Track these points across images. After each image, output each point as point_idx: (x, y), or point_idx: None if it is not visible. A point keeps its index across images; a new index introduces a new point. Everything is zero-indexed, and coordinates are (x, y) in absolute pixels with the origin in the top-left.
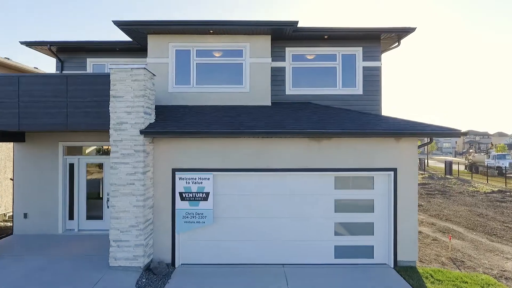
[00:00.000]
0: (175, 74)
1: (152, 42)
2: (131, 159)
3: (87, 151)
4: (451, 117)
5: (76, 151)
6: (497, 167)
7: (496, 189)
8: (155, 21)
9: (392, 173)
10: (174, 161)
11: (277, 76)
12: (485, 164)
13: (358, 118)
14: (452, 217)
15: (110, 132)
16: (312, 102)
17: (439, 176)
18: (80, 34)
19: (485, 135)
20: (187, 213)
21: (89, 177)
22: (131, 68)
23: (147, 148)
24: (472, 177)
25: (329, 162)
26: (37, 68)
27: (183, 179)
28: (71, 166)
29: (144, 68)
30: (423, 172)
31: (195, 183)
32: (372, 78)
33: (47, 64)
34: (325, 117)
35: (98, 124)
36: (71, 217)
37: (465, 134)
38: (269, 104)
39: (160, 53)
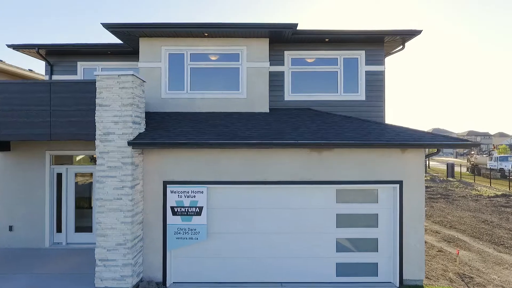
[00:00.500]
0: (168, 79)
1: (144, 45)
2: (119, 172)
3: (77, 159)
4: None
5: (64, 160)
6: (499, 169)
7: (499, 193)
8: (146, 23)
9: (397, 185)
10: (165, 173)
11: (276, 81)
12: (488, 166)
13: (361, 127)
14: (456, 224)
15: (96, 143)
16: (312, 109)
17: (441, 178)
18: (83, 35)
19: (486, 135)
20: (179, 229)
21: (78, 188)
22: (119, 75)
23: (136, 160)
24: (474, 179)
25: (330, 174)
26: (32, 71)
27: (175, 192)
28: (59, 176)
29: (133, 74)
30: (425, 175)
31: (188, 196)
32: (375, 83)
33: (43, 66)
34: (325, 125)
35: (84, 134)
36: (59, 229)
37: (476, 145)
38: (267, 110)
39: (153, 57)
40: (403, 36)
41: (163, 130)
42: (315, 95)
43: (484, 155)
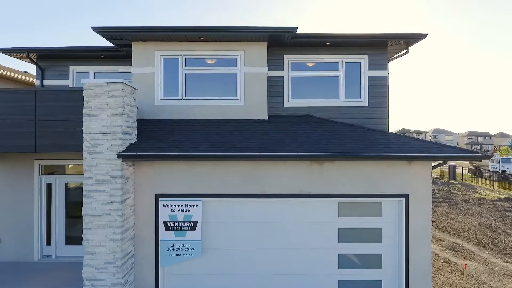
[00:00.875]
0: (163, 85)
1: (137, 49)
2: (107, 186)
3: (69, 167)
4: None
5: (55, 169)
6: (502, 171)
7: (503, 197)
8: (139, 27)
9: (403, 199)
10: (158, 186)
11: (275, 87)
12: (490, 168)
13: (364, 137)
14: (460, 230)
15: (83, 156)
16: (312, 115)
17: (443, 181)
18: (89, 37)
19: (486, 136)
20: (172, 245)
21: (70, 195)
22: (107, 83)
23: (126, 173)
24: (476, 182)
25: (332, 187)
26: (27, 73)
27: (168, 206)
28: (49, 186)
29: (122, 82)
30: None
31: (182, 210)
32: (379, 89)
33: None
34: (327, 134)
35: (71, 146)
36: (48, 242)
37: (487, 157)
38: (266, 117)
39: (146, 62)
40: (408, 40)
41: (155, 140)
42: (315, 101)
43: None
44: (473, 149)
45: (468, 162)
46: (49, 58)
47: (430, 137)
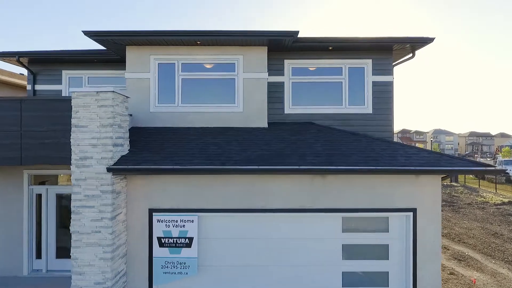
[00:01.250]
0: (158, 91)
1: (131, 54)
2: (97, 202)
3: (61, 175)
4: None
5: (46, 178)
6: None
7: (506, 200)
8: (133, 31)
9: (410, 214)
10: (151, 200)
11: (275, 93)
12: None
13: (370, 147)
14: (465, 237)
15: (71, 169)
16: (314, 123)
17: (445, 183)
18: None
19: (487, 136)
20: (166, 262)
21: (61, 206)
22: (97, 92)
23: (117, 187)
24: (479, 184)
25: (335, 201)
26: (23, 75)
27: (162, 221)
28: (39, 197)
29: (113, 91)
30: None
31: (177, 226)
32: (383, 95)
33: None
34: (330, 145)
35: (58, 158)
36: (38, 255)
37: (500, 172)
38: (266, 125)
39: (141, 67)
40: (414, 44)
41: (148, 151)
42: (317, 108)
43: (488, 159)
44: (474, 150)
45: None
46: (40, 63)
47: (432, 138)
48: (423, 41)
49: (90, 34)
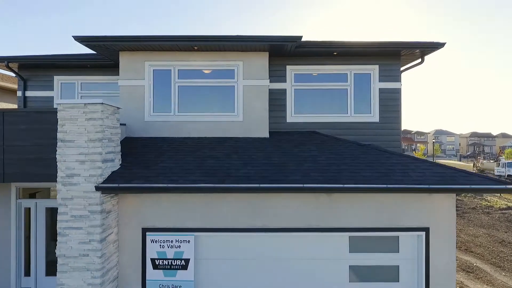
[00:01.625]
0: (153, 99)
1: (125, 60)
2: (85, 223)
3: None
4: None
5: (36, 191)
6: (507, 175)
7: (511, 204)
8: (126, 36)
9: (422, 233)
10: (144, 218)
11: (276, 100)
12: (495, 173)
13: (379, 161)
14: (472, 245)
15: (57, 187)
16: (318, 132)
17: None
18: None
19: (488, 136)
20: (161, 285)
21: (52, 222)
22: (85, 104)
23: (107, 206)
24: None
25: (342, 220)
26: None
27: (156, 242)
28: (27, 211)
29: (102, 103)
30: None
31: (172, 246)
32: (391, 102)
33: None
34: (336, 158)
35: (43, 175)
36: (27, 273)
37: None
38: (267, 135)
39: (135, 74)
40: (423, 49)
41: (141, 166)
42: (321, 116)
43: (491, 161)
44: (476, 151)
45: (472, 165)
46: (31, 68)
47: (434, 140)
48: (434, 46)
49: (80, 39)
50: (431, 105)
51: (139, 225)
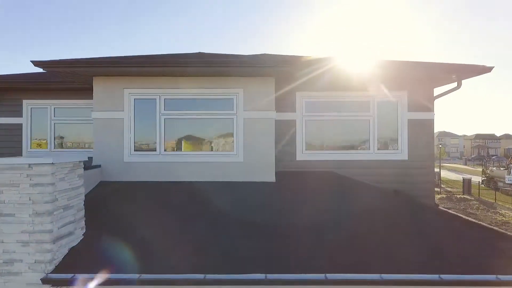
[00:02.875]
0: (134, 135)
1: (100, 87)
2: None
3: None
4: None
5: None
6: None
7: None
8: (98, 59)
9: None
10: None
11: (284, 134)
12: (506, 181)
13: (417, 224)
14: None
15: None
16: (335, 172)
17: (458, 196)
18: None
19: (492, 138)
20: None
21: None
22: (29, 164)
23: None
24: (495, 198)
25: None
26: None
27: None
28: None
29: (52, 163)
30: (438, 190)
31: None
32: (422, 137)
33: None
34: (361, 222)
35: None
36: None
37: None
38: (273, 179)
39: (112, 104)
40: (462, 74)
41: (111, 236)
42: (338, 153)
43: (502, 168)
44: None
45: (481, 172)
46: None
47: (440, 145)
48: (477, 71)
49: (39, 64)
50: (434, 107)
51: None
